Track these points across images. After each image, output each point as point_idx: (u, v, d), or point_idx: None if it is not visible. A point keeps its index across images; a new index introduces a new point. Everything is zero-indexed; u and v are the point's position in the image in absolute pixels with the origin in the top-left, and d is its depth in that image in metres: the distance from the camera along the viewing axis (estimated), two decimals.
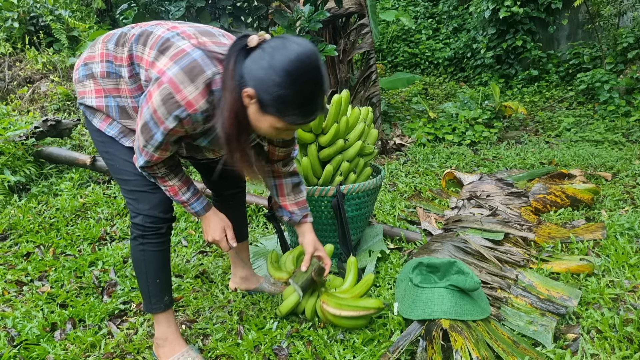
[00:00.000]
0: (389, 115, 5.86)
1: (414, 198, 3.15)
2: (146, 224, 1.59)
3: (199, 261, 2.48)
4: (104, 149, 1.61)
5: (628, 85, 5.70)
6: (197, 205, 1.62)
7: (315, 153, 2.26)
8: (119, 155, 1.58)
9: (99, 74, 1.53)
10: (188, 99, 1.31)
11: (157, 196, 1.59)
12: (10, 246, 2.75)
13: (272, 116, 1.30)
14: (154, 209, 1.59)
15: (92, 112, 1.57)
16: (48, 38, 6.60)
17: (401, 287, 1.91)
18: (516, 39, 7.28)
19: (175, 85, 1.31)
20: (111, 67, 1.52)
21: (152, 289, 1.64)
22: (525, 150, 4.53)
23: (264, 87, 1.25)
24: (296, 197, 1.80)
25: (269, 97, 1.25)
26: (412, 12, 10.05)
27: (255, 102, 1.29)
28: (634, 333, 1.64)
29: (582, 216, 2.77)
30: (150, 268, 1.63)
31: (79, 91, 1.58)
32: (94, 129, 1.60)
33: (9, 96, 5.70)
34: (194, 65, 1.31)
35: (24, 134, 3.83)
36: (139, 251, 1.62)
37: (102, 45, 1.55)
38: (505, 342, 1.61)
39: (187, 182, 1.58)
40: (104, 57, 1.53)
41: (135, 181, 1.58)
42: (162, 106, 1.33)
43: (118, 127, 1.57)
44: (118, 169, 1.60)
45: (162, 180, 1.54)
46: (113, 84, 1.52)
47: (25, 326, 1.91)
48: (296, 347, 1.71)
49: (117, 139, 1.57)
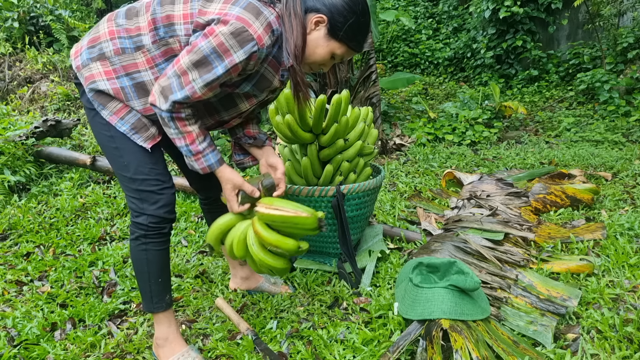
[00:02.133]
0: (389, 115, 5.87)
1: (414, 198, 3.15)
2: (150, 224, 1.57)
3: (199, 261, 2.48)
4: (112, 144, 1.55)
5: (628, 85, 5.70)
6: (212, 157, 1.54)
7: (315, 153, 2.26)
8: (130, 152, 1.54)
9: (113, 52, 1.47)
10: (258, 33, 1.35)
11: (163, 197, 1.57)
12: (10, 246, 2.75)
13: (338, 42, 1.46)
14: (160, 210, 1.57)
15: (104, 101, 1.50)
16: (48, 38, 6.60)
17: (401, 287, 1.91)
18: (516, 39, 7.28)
19: (245, 21, 1.33)
20: (125, 42, 1.46)
21: (154, 288, 1.63)
22: (525, 150, 4.53)
23: (338, 13, 1.41)
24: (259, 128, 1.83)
25: (341, 23, 1.42)
26: (412, 12, 10.05)
27: (325, 26, 1.44)
28: (634, 333, 1.64)
29: (582, 216, 2.77)
30: (152, 268, 1.62)
31: (86, 76, 1.50)
32: (102, 123, 1.53)
33: (9, 96, 5.71)
34: (253, 6, 1.36)
35: (24, 134, 3.83)
36: (140, 251, 1.60)
37: (108, 24, 1.50)
38: (505, 342, 1.61)
39: (205, 132, 1.53)
40: (115, 34, 1.47)
41: (143, 180, 1.55)
42: (233, 39, 1.33)
43: (131, 121, 1.52)
44: (126, 166, 1.55)
45: (182, 124, 1.45)
46: (129, 59, 1.47)
47: (25, 326, 1.91)
48: (296, 347, 1.71)
49: (128, 136, 1.53)
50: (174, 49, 1.45)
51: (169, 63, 1.46)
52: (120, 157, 1.55)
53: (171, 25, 1.43)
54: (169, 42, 1.44)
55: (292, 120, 2.11)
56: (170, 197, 1.59)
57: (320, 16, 1.42)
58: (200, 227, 2.91)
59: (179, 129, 1.47)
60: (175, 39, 1.43)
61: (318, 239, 2.29)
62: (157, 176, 1.57)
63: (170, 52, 1.46)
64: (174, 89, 1.39)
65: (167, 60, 1.47)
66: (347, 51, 1.49)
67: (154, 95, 1.42)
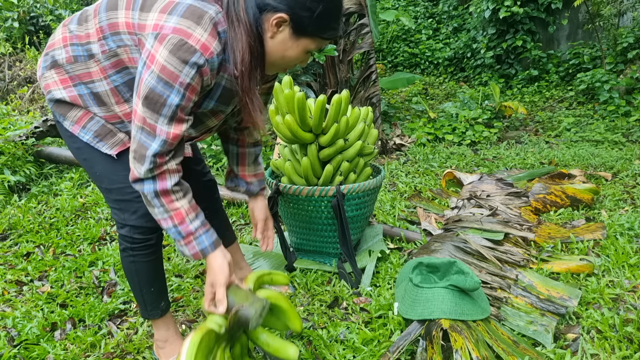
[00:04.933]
0: (389, 115, 5.87)
1: (414, 198, 3.15)
2: (134, 236, 1.48)
3: (199, 261, 2.48)
4: (81, 156, 1.45)
5: (628, 85, 5.70)
6: (206, 238, 1.34)
7: (315, 153, 2.26)
8: (99, 161, 1.43)
9: (65, 60, 1.35)
10: (202, 42, 1.17)
11: (143, 204, 1.43)
12: (10, 246, 2.75)
13: (308, 37, 1.27)
14: (141, 219, 1.46)
15: (64, 110, 1.40)
16: (48, 38, 6.60)
17: (401, 287, 1.91)
18: (516, 39, 7.28)
19: (184, 32, 1.16)
20: (77, 49, 1.34)
21: (147, 297, 1.59)
22: (525, 150, 4.53)
23: (300, 7, 1.20)
24: (256, 168, 1.76)
25: (308, 16, 1.21)
26: (412, 12, 10.05)
27: (288, 26, 1.23)
28: (634, 333, 1.64)
29: (582, 216, 2.77)
30: (142, 278, 1.56)
31: (43, 86, 1.41)
32: (67, 134, 1.43)
33: (9, 96, 5.70)
34: (193, 9, 1.19)
35: (24, 134, 3.84)
36: (129, 262, 1.54)
37: (62, 29, 1.38)
38: (505, 342, 1.61)
39: (196, 207, 1.34)
40: (67, 41, 1.35)
41: (119, 189, 1.44)
42: (173, 57, 1.15)
43: (93, 129, 1.40)
44: (99, 176, 1.45)
45: (168, 200, 1.28)
46: (82, 68, 1.34)
47: (25, 326, 1.91)
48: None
49: (92, 145, 1.41)
50: (124, 60, 1.31)
51: (121, 75, 1.34)
52: (91, 167, 1.45)
53: (117, 34, 1.29)
54: (118, 52, 1.31)
55: (292, 121, 2.11)
56: None
57: (280, 16, 1.21)
58: None
59: (165, 207, 1.29)
60: (124, 49, 1.30)
61: (318, 239, 2.29)
62: None
63: (120, 63, 1.32)
64: (146, 142, 1.23)
65: (119, 72, 1.34)
66: (322, 42, 1.31)
67: (132, 170, 1.27)
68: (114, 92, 1.36)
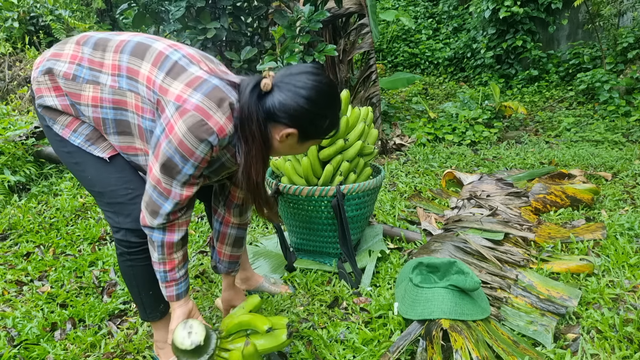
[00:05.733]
0: (389, 115, 5.86)
1: (414, 198, 3.15)
2: (131, 240, 1.47)
3: (199, 261, 2.48)
4: (71, 160, 1.45)
5: (628, 85, 5.70)
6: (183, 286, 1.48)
7: (315, 153, 2.26)
8: (90, 165, 1.43)
9: (62, 73, 1.38)
10: (219, 124, 1.27)
11: (136, 207, 1.44)
12: (10, 246, 2.75)
13: (314, 140, 1.41)
14: (136, 222, 1.44)
15: (54, 115, 1.41)
16: (48, 38, 6.60)
17: (401, 287, 1.91)
18: (516, 39, 7.28)
19: (205, 112, 1.25)
20: (81, 71, 1.37)
21: (146, 300, 1.59)
22: (525, 150, 4.53)
23: (307, 123, 1.31)
24: (233, 250, 1.74)
25: (312, 129, 1.34)
26: (412, 12, 10.05)
27: (296, 136, 1.33)
28: (634, 333, 1.64)
29: (582, 216, 2.77)
30: (141, 282, 1.55)
31: (35, 89, 1.41)
32: (57, 139, 1.44)
33: (9, 96, 5.70)
34: (217, 92, 1.29)
35: (24, 134, 3.83)
36: (127, 267, 1.53)
37: (75, 46, 1.41)
38: (505, 342, 1.61)
39: (186, 257, 1.48)
40: (75, 60, 1.39)
41: (112, 192, 1.44)
42: (192, 135, 1.25)
43: (84, 133, 1.41)
44: (91, 180, 1.45)
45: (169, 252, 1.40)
46: (76, 88, 1.38)
47: (25, 326, 1.91)
48: (296, 347, 1.71)
49: (84, 149, 1.42)
50: (128, 103, 1.36)
51: (115, 112, 1.37)
52: (83, 171, 1.45)
53: (134, 80, 1.35)
54: (127, 95, 1.35)
55: None
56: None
57: (289, 132, 1.31)
58: (200, 227, 2.91)
59: (164, 255, 1.41)
60: (134, 95, 1.35)
61: (318, 239, 2.29)
62: (125, 184, 1.45)
63: (122, 103, 1.36)
64: (158, 201, 1.34)
65: (114, 109, 1.37)
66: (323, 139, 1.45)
67: (143, 216, 1.37)
68: (97, 121, 1.40)
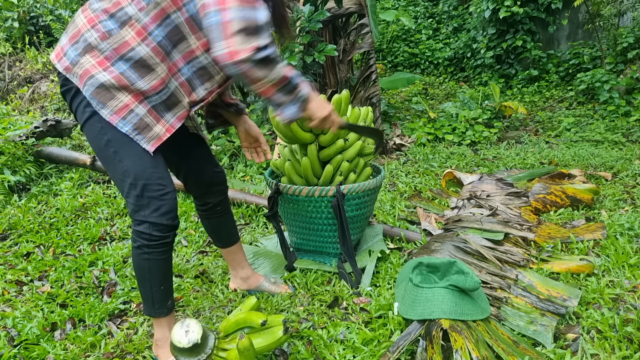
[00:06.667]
0: (389, 115, 5.86)
1: (414, 198, 3.15)
2: (153, 233, 1.50)
3: (199, 261, 2.48)
4: (110, 149, 1.45)
5: (628, 85, 5.70)
6: (307, 85, 1.47)
7: (315, 153, 2.26)
8: (129, 155, 1.44)
9: (99, 38, 1.37)
10: None
11: (165, 203, 1.49)
12: (10, 246, 2.75)
13: None
14: (162, 217, 1.49)
15: (104, 98, 1.39)
16: (48, 38, 6.60)
17: (401, 287, 1.91)
18: (516, 39, 7.28)
19: None
20: (108, 23, 1.37)
21: (156, 295, 1.60)
22: (525, 150, 4.53)
23: None
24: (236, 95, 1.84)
25: None
26: (412, 12, 10.05)
27: None
28: (634, 333, 1.64)
29: (582, 216, 2.77)
30: (154, 276, 1.57)
31: (80, 74, 1.40)
32: (98, 126, 1.43)
33: (9, 96, 5.70)
34: None
35: (24, 134, 3.84)
36: (143, 260, 1.54)
37: (84, 14, 1.41)
38: (505, 342, 1.61)
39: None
40: (95, 21, 1.38)
41: (145, 185, 1.46)
42: None
43: (133, 122, 1.42)
44: (126, 171, 1.45)
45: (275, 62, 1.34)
46: (118, 40, 1.37)
47: (25, 326, 1.91)
48: (296, 347, 1.71)
49: (131, 137, 1.43)
50: (165, 8, 1.36)
51: (162, 27, 1.38)
52: (120, 161, 1.46)
53: None
54: (158, 2, 1.36)
55: None
56: (173, 202, 1.52)
57: None
58: (200, 227, 2.91)
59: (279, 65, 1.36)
60: None
61: (318, 239, 2.29)
62: (159, 180, 1.48)
63: (162, 13, 1.37)
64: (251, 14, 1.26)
65: (160, 25, 1.38)
66: None
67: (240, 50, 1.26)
68: (156, 51, 1.40)
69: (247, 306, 1.61)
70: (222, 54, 1.28)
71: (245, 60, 1.28)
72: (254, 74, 1.33)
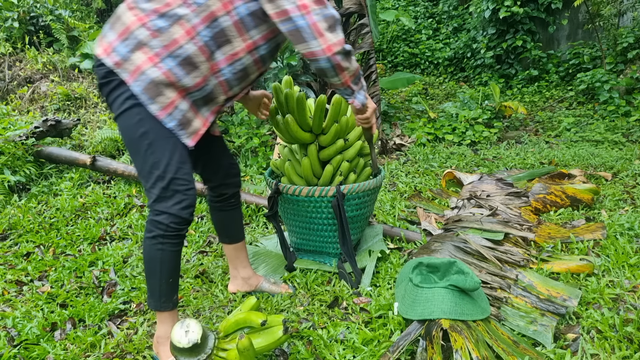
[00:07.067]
0: (389, 115, 5.86)
1: (414, 198, 3.15)
2: (170, 224, 1.55)
3: (199, 261, 2.48)
4: (145, 140, 1.50)
5: (628, 85, 5.70)
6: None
7: (315, 153, 2.26)
8: (163, 149, 1.51)
9: (150, 35, 1.44)
10: None
11: (188, 198, 1.56)
12: (10, 246, 2.75)
13: None
14: (183, 211, 1.55)
15: (154, 94, 1.47)
16: (48, 38, 6.60)
17: (401, 287, 1.91)
18: (516, 39, 7.28)
19: None
20: (158, 22, 1.44)
21: (164, 288, 1.62)
22: (525, 150, 4.53)
23: None
24: None
25: None
26: (412, 12, 10.06)
27: None
28: (634, 333, 1.64)
29: (582, 216, 2.77)
30: (165, 267, 1.60)
31: (131, 70, 1.46)
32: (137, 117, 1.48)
33: (9, 96, 5.70)
34: None
35: (24, 134, 3.83)
36: (156, 250, 1.58)
37: (132, 12, 1.47)
38: (505, 342, 1.61)
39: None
40: (144, 20, 1.45)
41: (173, 179, 1.52)
42: None
43: (177, 117, 1.51)
44: (157, 163, 1.51)
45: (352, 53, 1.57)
46: (168, 38, 1.45)
47: (25, 326, 1.91)
48: (296, 347, 1.71)
49: (175, 132, 1.51)
50: (215, 11, 1.46)
51: (210, 28, 1.47)
52: (152, 153, 1.51)
53: None
54: (209, 4, 1.45)
55: (291, 121, 2.11)
56: (194, 199, 1.59)
57: None
58: (200, 227, 2.91)
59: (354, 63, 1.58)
60: None
61: (318, 239, 2.29)
62: (185, 176, 1.55)
63: (210, 16, 1.46)
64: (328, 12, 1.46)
65: (208, 26, 1.47)
66: None
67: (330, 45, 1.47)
68: (202, 50, 1.49)
69: (247, 306, 1.61)
70: (320, 49, 1.47)
71: (339, 52, 1.50)
72: (343, 64, 1.54)
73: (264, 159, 4.11)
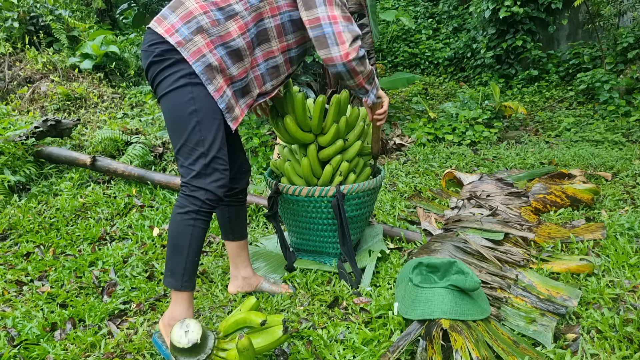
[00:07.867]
0: (389, 115, 5.86)
1: (414, 198, 3.15)
2: (206, 200, 1.62)
3: (199, 261, 2.47)
4: (194, 118, 1.59)
5: (628, 85, 5.70)
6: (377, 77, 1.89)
7: (314, 153, 2.26)
8: (210, 128, 1.61)
9: (210, 23, 1.59)
10: None
11: (224, 178, 1.66)
12: (10, 246, 2.75)
13: None
14: (220, 189, 1.64)
15: (212, 76, 1.60)
16: (48, 38, 6.60)
17: (401, 287, 1.91)
18: (516, 39, 7.28)
19: None
20: (217, 14, 1.59)
21: (189, 266, 1.65)
22: (525, 150, 4.53)
23: None
24: None
25: None
26: (412, 12, 10.05)
27: None
28: (634, 333, 1.64)
29: (582, 216, 2.77)
30: (193, 244, 1.64)
31: (193, 50, 1.57)
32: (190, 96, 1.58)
33: (9, 96, 5.70)
34: None
35: (24, 134, 3.83)
36: (188, 225, 1.62)
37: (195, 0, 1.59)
38: (505, 342, 1.61)
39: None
40: (207, 8, 1.59)
41: (215, 158, 1.62)
42: None
43: (225, 100, 1.64)
44: (202, 141, 1.60)
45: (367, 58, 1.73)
46: (224, 29, 1.60)
47: (25, 326, 1.91)
48: (296, 347, 1.71)
49: (223, 112, 1.64)
50: (263, 12, 1.66)
51: (256, 27, 1.66)
52: (200, 131, 1.60)
53: None
54: (260, 6, 1.64)
55: (290, 121, 2.11)
56: (228, 179, 1.68)
57: None
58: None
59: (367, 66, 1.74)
60: (266, 2, 1.65)
61: (318, 239, 2.29)
62: (224, 157, 1.66)
63: (259, 16, 1.65)
64: (352, 26, 1.66)
65: (255, 25, 1.66)
66: None
67: (349, 52, 1.64)
68: (248, 45, 1.66)
69: (247, 306, 1.61)
70: (339, 55, 1.65)
71: (354, 58, 1.67)
72: (358, 68, 1.71)
73: (264, 159, 4.11)
